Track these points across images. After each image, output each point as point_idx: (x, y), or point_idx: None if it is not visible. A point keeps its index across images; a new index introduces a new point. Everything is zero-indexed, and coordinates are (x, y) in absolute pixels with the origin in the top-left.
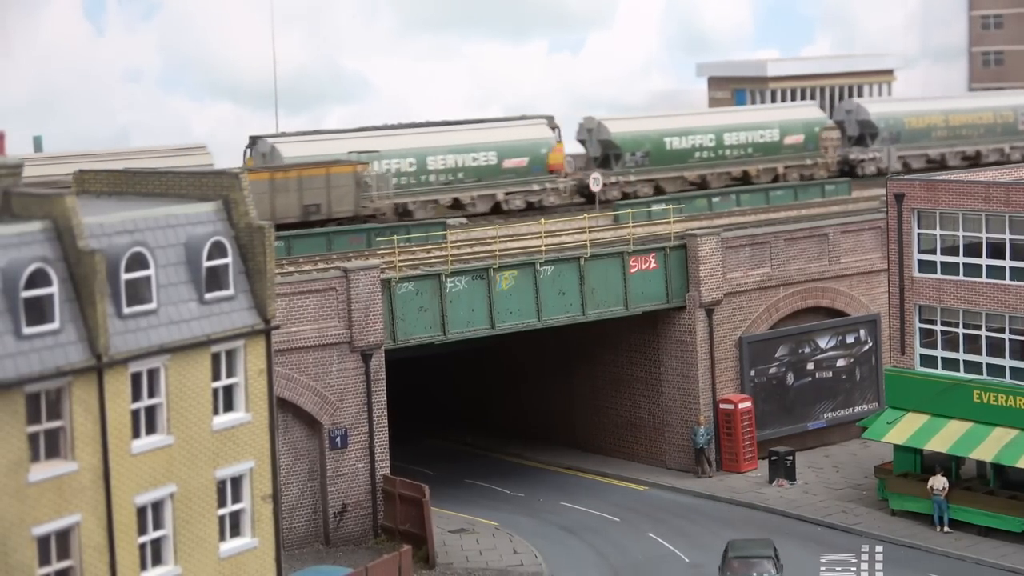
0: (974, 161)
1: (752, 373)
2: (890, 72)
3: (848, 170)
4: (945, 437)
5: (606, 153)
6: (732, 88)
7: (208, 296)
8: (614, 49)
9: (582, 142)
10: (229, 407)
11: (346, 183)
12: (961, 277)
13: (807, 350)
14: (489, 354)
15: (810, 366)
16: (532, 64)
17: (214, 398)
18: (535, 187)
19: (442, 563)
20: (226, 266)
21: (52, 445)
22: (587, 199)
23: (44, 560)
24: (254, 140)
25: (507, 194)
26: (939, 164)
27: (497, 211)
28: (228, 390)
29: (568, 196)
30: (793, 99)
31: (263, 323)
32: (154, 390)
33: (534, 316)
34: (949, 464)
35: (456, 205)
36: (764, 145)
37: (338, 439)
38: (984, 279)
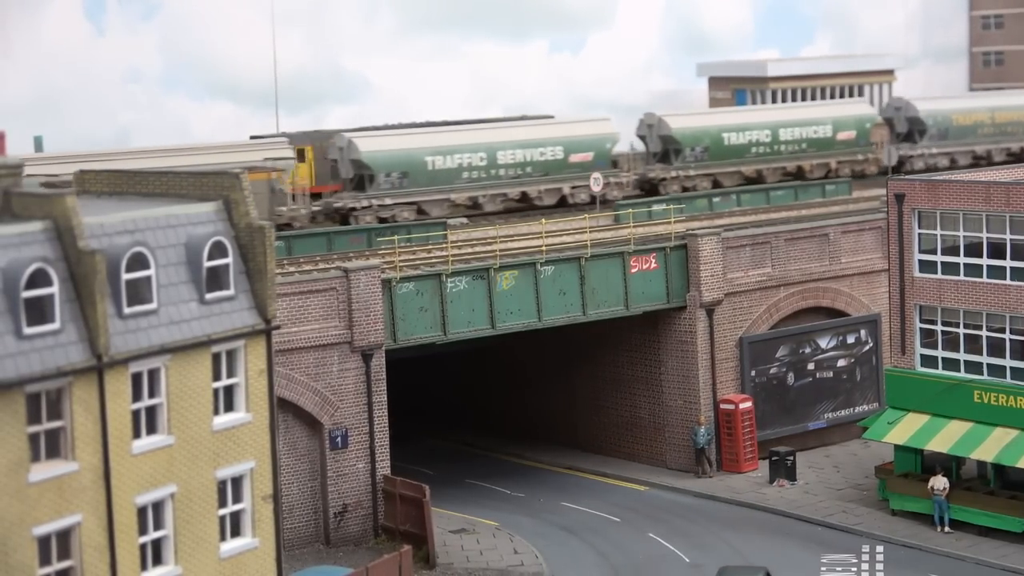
0: (1018, 157)
1: (752, 373)
2: (890, 72)
3: (897, 166)
4: (946, 437)
5: (666, 148)
6: (732, 88)
7: (209, 296)
8: (614, 49)
9: (642, 137)
10: (230, 407)
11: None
12: (962, 277)
13: (808, 350)
14: (490, 354)
15: (811, 366)
16: (532, 64)
17: (215, 398)
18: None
19: (442, 563)
20: (227, 266)
21: (53, 445)
22: (648, 192)
23: (45, 560)
24: (330, 134)
25: (573, 188)
26: (986, 160)
27: (563, 204)
28: (229, 390)
29: (630, 189)
30: (793, 99)
31: (264, 323)
32: (154, 390)
33: (535, 316)
34: (949, 464)
35: (524, 199)
36: (817, 141)
37: (339, 439)
38: (985, 279)
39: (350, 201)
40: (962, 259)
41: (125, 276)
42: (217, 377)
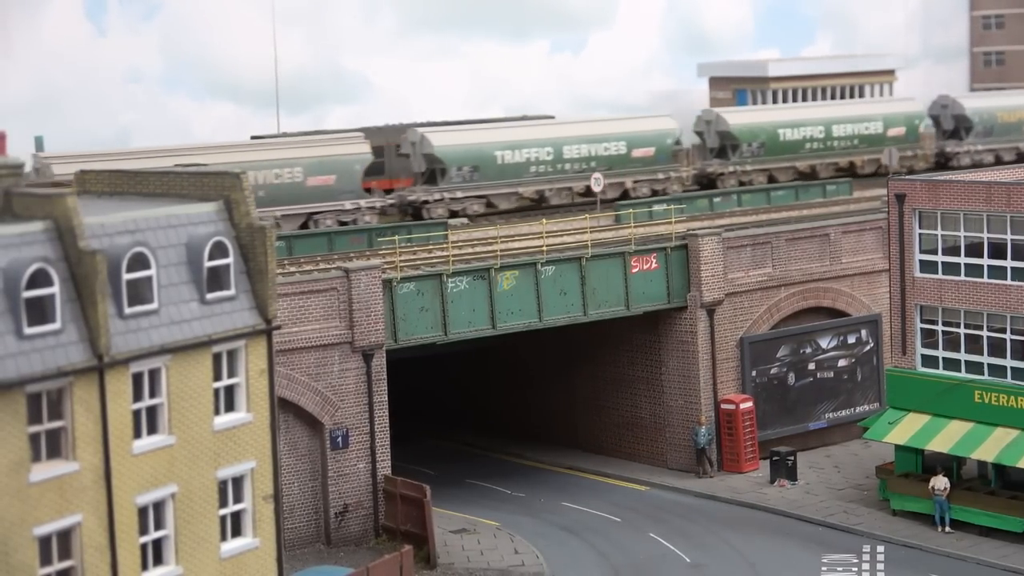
0: None
1: (753, 373)
2: (891, 72)
3: (944, 162)
4: (946, 437)
5: (723, 144)
6: (733, 88)
7: (209, 296)
8: (615, 49)
9: (699, 134)
10: (230, 407)
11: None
12: (962, 277)
13: (808, 350)
14: (491, 354)
15: (811, 366)
16: (533, 64)
17: (215, 398)
18: (660, 175)
19: (443, 563)
20: (227, 266)
21: (53, 445)
22: (706, 187)
23: (45, 560)
24: (402, 129)
25: (635, 182)
26: None
27: (625, 197)
28: (229, 390)
29: (689, 183)
30: (794, 99)
31: (264, 323)
32: (155, 390)
33: (535, 316)
34: (950, 464)
35: (588, 193)
36: (869, 137)
37: (339, 439)
38: (985, 279)
39: (422, 194)
40: (963, 259)
41: (126, 276)
42: (218, 377)
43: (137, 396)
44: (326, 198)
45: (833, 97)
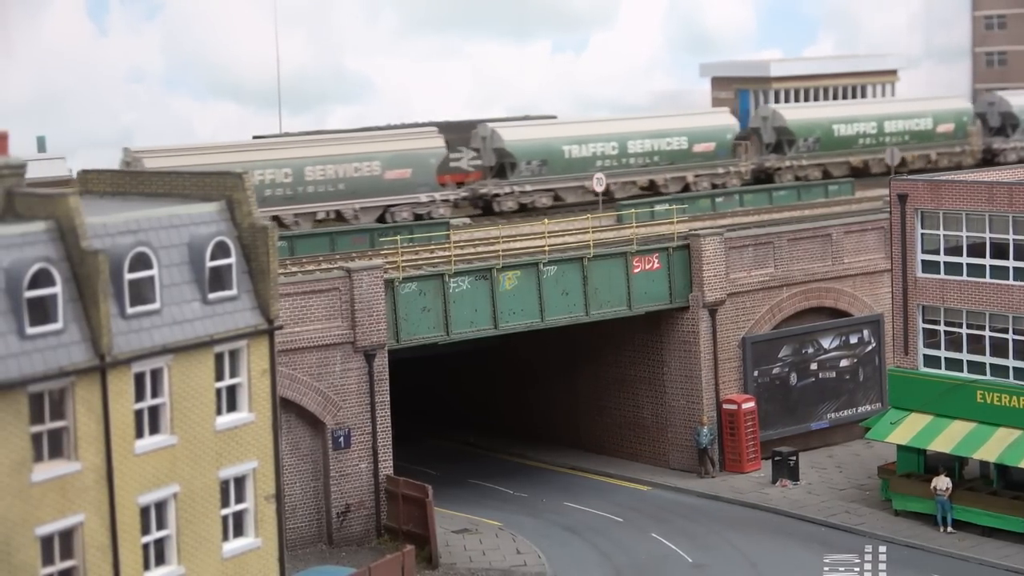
0: None
1: (755, 373)
2: (893, 72)
3: (990, 158)
4: (948, 437)
5: (779, 139)
6: (735, 88)
7: (211, 296)
8: (617, 49)
9: (756, 130)
10: (232, 407)
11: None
12: (964, 277)
13: (810, 350)
14: (492, 354)
15: (813, 366)
16: (535, 64)
17: (217, 398)
18: (720, 170)
19: (445, 563)
20: (229, 266)
21: (55, 445)
22: (762, 181)
23: (47, 560)
24: (472, 124)
25: (696, 176)
26: None
27: (686, 191)
28: (231, 390)
29: (747, 177)
30: (796, 100)
31: (266, 323)
32: (157, 390)
33: (537, 316)
34: (952, 464)
35: (651, 187)
36: (919, 133)
37: (341, 439)
38: (987, 279)
39: (493, 188)
40: (965, 259)
41: (128, 276)
42: (220, 377)
43: (139, 396)
44: (403, 191)
45: (835, 97)
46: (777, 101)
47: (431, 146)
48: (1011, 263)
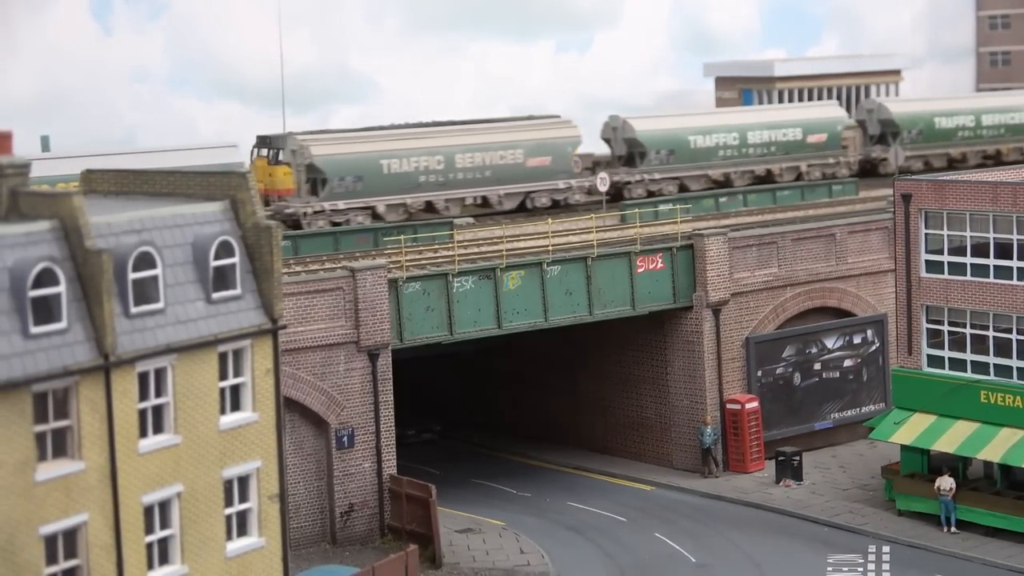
0: None
1: (759, 373)
2: (897, 72)
3: (870, 168)
4: (952, 438)
5: (884, 132)
6: (739, 88)
7: (215, 296)
8: (621, 49)
9: (861, 122)
10: (236, 407)
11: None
12: (968, 277)
13: (814, 350)
14: (496, 354)
15: (817, 366)
16: (539, 64)
17: (221, 398)
18: (830, 160)
19: (448, 563)
20: (233, 266)
21: (59, 444)
22: (869, 174)
23: (51, 559)
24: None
25: (809, 166)
26: None
27: (798, 180)
28: (235, 390)
29: (855, 168)
30: (800, 99)
31: (270, 323)
32: (161, 390)
33: (541, 316)
34: (956, 464)
35: (768, 176)
36: (1014, 127)
37: (345, 439)
38: (991, 279)
39: (624, 176)
40: (969, 259)
41: (132, 275)
42: (224, 377)
43: (143, 395)
44: (542, 178)
45: (839, 98)
46: (780, 101)
47: (568, 135)
48: (1015, 263)
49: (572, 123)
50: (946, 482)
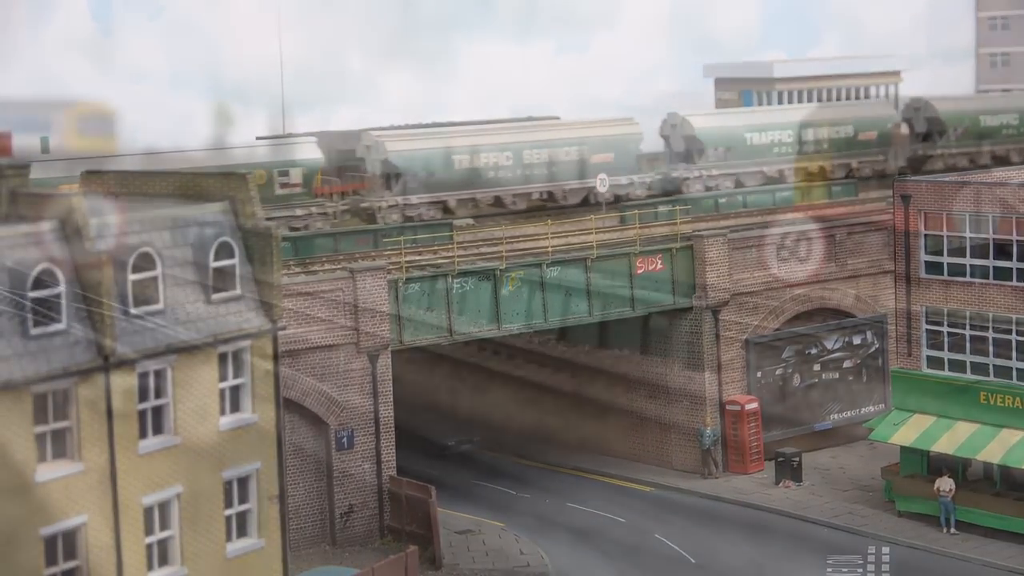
0: None
1: (758, 374)
2: (897, 73)
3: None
4: (952, 439)
5: (930, 129)
6: (739, 89)
7: (215, 297)
8: (621, 50)
9: (907, 120)
10: (236, 408)
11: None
12: (968, 279)
13: (814, 351)
14: (495, 355)
15: (816, 367)
16: (539, 64)
17: (220, 399)
18: (880, 157)
19: (448, 564)
20: (233, 267)
21: (59, 445)
22: (915, 170)
23: (51, 560)
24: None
25: (860, 163)
26: None
27: (849, 176)
28: (235, 390)
29: (903, 162)
30: (800, 100)
31: (270, 324)
32: (161, 390)
33: (540, 317)
34: (956, 465)
35: (820, 172)
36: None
37: (344, 440)
38: (991, 281)
39: (683, 172)
40: (968, 260)
41: (131, 276)
42: (223, 377)
43: (142, 396)
44: (606, 173)
45: (839, 99)
46: (780, 102)
47: (631, 132)
48: (1014, 264)
49: (634, 120)
50: (946, 483)
